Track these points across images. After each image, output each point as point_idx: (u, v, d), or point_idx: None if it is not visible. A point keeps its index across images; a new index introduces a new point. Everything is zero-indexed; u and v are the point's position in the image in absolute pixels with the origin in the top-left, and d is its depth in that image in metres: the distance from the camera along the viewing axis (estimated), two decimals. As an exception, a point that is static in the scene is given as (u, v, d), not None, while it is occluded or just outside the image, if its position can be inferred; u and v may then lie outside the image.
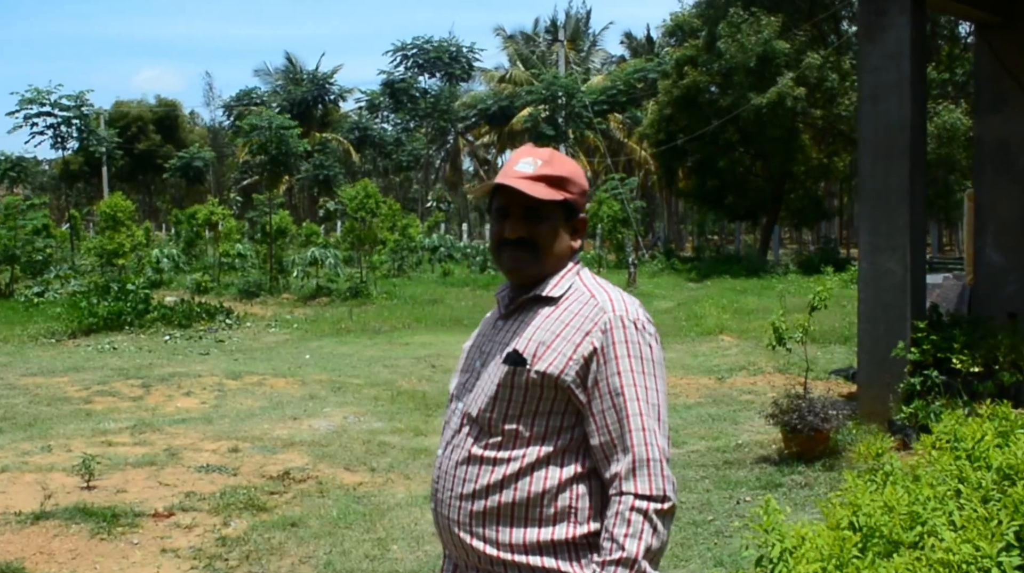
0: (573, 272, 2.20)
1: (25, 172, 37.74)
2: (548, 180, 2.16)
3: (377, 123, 53.61)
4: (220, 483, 7.10)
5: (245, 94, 55.52)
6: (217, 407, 9.98)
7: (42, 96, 25.67)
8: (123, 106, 54.96)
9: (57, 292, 19.96)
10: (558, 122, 32.09)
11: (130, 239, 21.37)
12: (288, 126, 21.22)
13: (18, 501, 6.56)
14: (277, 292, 21.08)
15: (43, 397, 10.37)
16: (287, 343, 14.99)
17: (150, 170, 54.69)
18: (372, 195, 20.31)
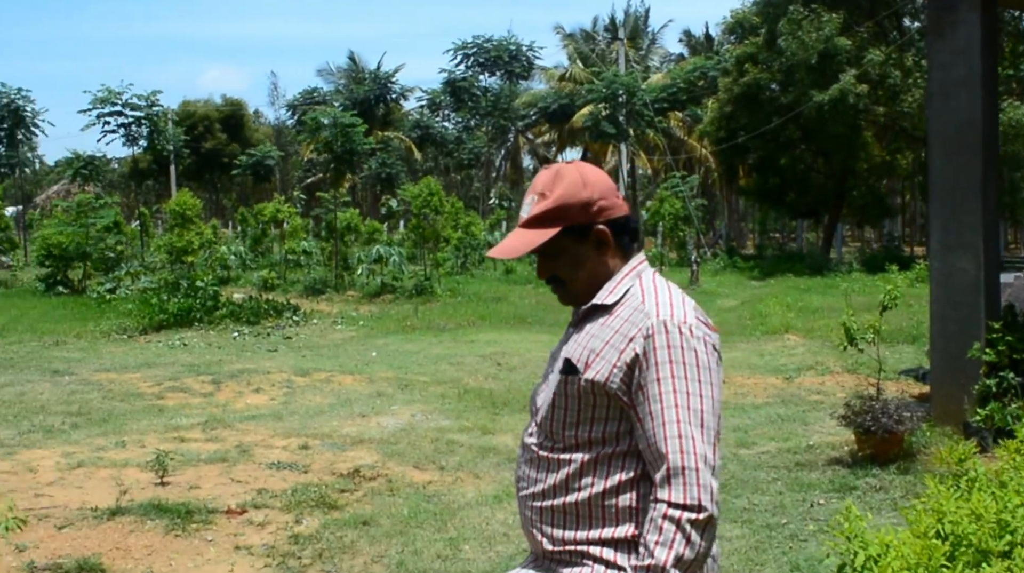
0: (632, 275, 2.21)
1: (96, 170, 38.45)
2: (540, 219, 2.18)
3: (438, 122, 53.84)
4: (291, 480, 7.14)
5: (308, 93, 56.12)
6: (286, 404, 10.07)
7: (114, 96, 26.17)
8: (190, 105, 55.88)
9: (128, 289, 20.35)
10: (619, 120, 31.90)
11: (199, 236, 21.72)
12: (353, 124, 21.36)
13: (94, 496, 6.66)
14: (342, 289, 21.27)
15: (116, 393, 10.56)
16: (353, 340, 15.09)
17: (216, 168, 55.55)
18: (436, 193, 20.38)
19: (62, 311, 18.46)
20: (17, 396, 10.35)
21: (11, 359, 12.91)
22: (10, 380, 11.31)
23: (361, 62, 55.93)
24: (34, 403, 9.96)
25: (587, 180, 2.19)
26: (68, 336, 15.27)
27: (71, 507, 6.42)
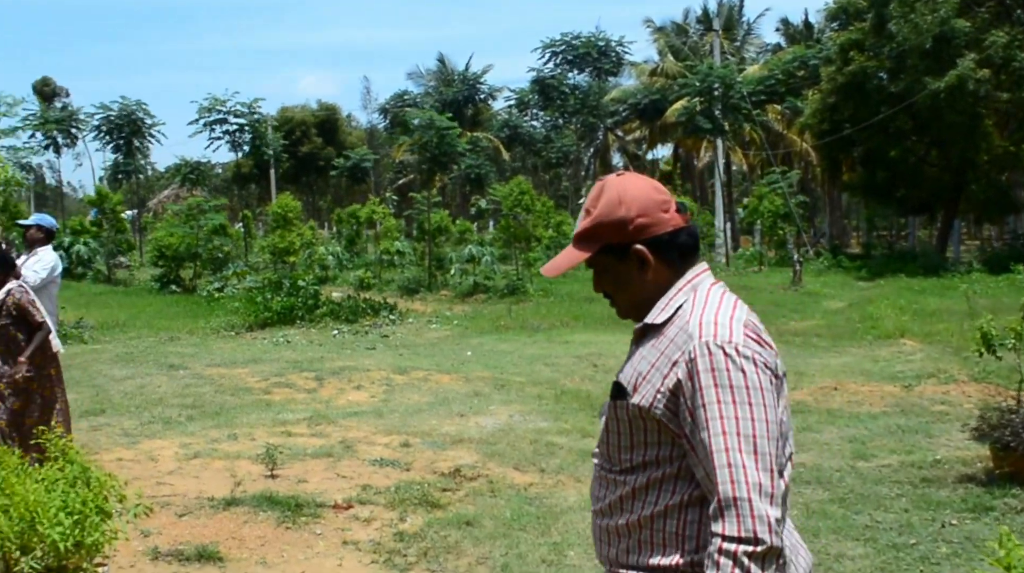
0: (686, 289, 2.13)
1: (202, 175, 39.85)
2: (582, 237, 2.16)
3: (526, 121, 54.00)
4: (394, 477, 7.33)
5: (399, 96, 56.93)
6: (386, 401, 10.30)
7: (219, 104, 27.09)
8: (288, 111, 57.20)
9: (235, 288, 21.02)
10: (714, 114, 31.28)
11: (300, 237, 22.31)
12: (448, 126, 21.68)
13: (210, 486, 6.96)
14: (435, 289, 21.60)
15: (227, 387, 10.96)
16: (448, 339, 15.32)
17: (312, 171, 56.74)
18: (527, 192, 20.53)
19: (175, 308, 19.18)
20: (138, 388, 10.84)
21: (131, 353, 13.49)
22: (131, 373, 11.84)
23: (450, 64, 56.52)
24: (153, 395, 10.42)
25: (624, 197, 2.12)
26: (181, 332, 15.88)
27: (189, 496, 6.72)
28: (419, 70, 58.41)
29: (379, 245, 25.95)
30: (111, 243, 27.23)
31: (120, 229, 28.13)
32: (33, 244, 8.18)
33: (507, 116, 54.48)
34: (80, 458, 4.57)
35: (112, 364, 12.56)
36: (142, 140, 37.66)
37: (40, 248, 8.17)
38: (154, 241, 23.69)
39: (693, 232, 2.18)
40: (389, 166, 58.70)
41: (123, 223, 28.74)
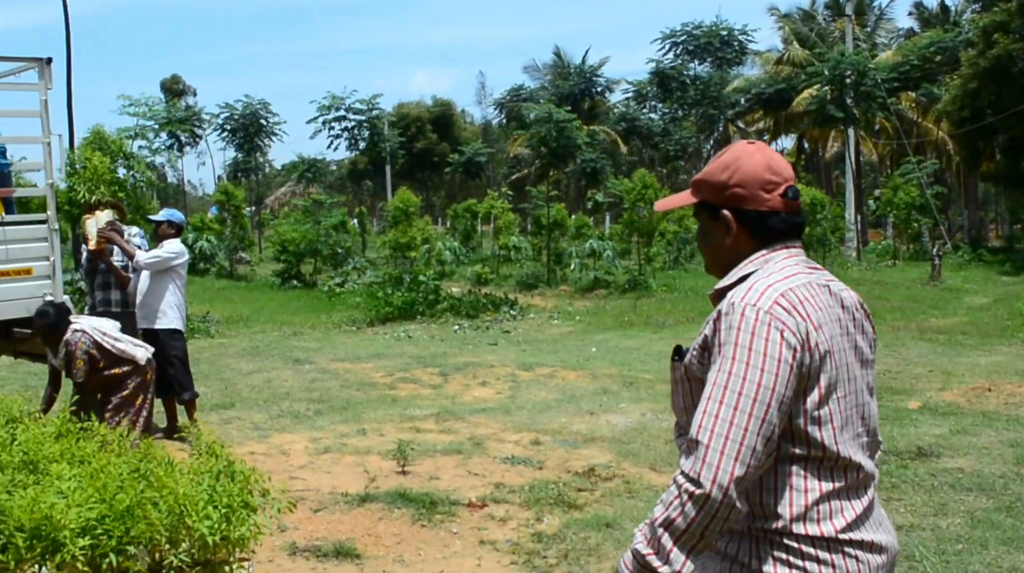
0: (759, 260, 2.19)
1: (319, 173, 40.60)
2: (694, 184, 2.29)
3: (644, 113, 53.28)
4: (527, 476, 7.16)
5: (515, 91, 56.90)
6: (513, 398, 10.16)
7: (338, 102, 27.41)
8: (404, 108, 57.90)
9: (355, 283, 21.25)
10: (846, 103, 30.07)
11: (421, 232, 22.40)
12: (568, 119, 21.44)
13: (343, 482, 6.91)
14: (555, 284, 21.40)
15: (352, 382, 10.98)
16: (571, 335, 15.10)
17: (427, 167, 57.27)
18: (650, 186, 20.14)
19: (296, 303, 19.47)
20: (265, 382, 10.94)
21: (256, 347, 13.68)
22: (258, 367, 11.98)
23: (566, 57, 56.18)
24: (280, 389, 10.50)
25: (733, 165, 2.21)
26: (304, 327, 16.07)
27: (323, 491, 6.68)
28: (535, 64, 58.36)
29: (496, 240, 25.88)
30: (233, 239, 27.86)
31: (242, 225, 28.79)
32: (163, 239, 8.29)
33: (624, 109, 53.85)
34: (225, 452, 4.51)
35: (239, 358, 12.75)
36: (263, 139, 38.53)
37: (167, 242, 8.30)
38: (276, 237, 24.12)
39: (791, 220, 2.22)
40: (503, 161, 58.80)
41: (245, 220, 29.42)
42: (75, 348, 6.70)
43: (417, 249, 21.84)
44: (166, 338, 8.09)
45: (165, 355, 8.05)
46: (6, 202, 7.61)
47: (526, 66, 61.60)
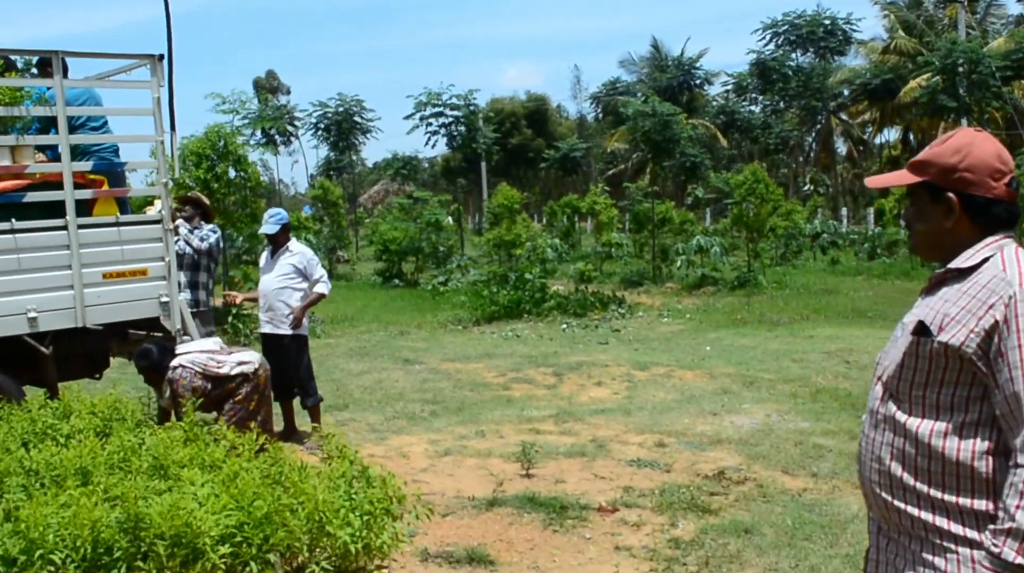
0: (993, 246, 2.24)
1: (413, 170, 40.73)
2: (916, 165, 2.34)
3: (744, 106, 52.20)
4: (656, 479, 6.89)
5: (611, 84, 56.31)
6: (630, 398, 9.87)
7: (434, 98, 27.36)
8: (498, 103, 57.79)
9: (459, 281, 21.16)
10: (959, 92, 28.86)
11: (526, 229, 22.20)
12: (673, 113, 21.00)
13: (467, 485, 6.73)
14: (660, 281, 20.97)
15: (465, 382, 10.82)
16: (683, 333, 14.71)
17: (522, 163, 57.10)
18: (762, 180, 19.56)
19: (400, 302, 19.46)
20: (376, 383, 10.85)
21: (364, 347, 13.64)
22: (368, 367, 11.91)
23: (664, 50, 55.35)
24: (392, 390, 10.39)
25: (964, 150, 2.26)
26: (410, 326, 16.00)
27: (448, 495, 6.51)
28: (631, 57, 57.60)
29: (599, 236, 25.53)
30: (331, 238, 27.99)
31: (339, 224, 28.94)
32: (279, 244, 8.21)
33: (723, 102, 52.84)
34: (360, 457, 4.35)
35: (347, 358, 12.71)
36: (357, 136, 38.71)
37: (292, 246, 8.21)
38: (379, 235, 24.17)
39: (1012, 210, 2.28)
40: (599, 156, 58.30)
41: (342, 218, 29.57)
42: (178, 386, 6.47)
43: (521, 246, 21.62)
44: (290, 343, 8.02)
45: (289, 359, 7.98)
46: (120, 202, 7.61)
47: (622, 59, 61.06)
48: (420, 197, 24.32)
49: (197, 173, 13.61)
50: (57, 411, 5.28)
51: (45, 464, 4.29)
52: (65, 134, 7.03)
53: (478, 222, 49.10)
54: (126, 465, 4.37)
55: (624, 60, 58.29)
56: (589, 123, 65.54)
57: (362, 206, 51.27)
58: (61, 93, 7.02)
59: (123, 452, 4.49)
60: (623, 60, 59.09)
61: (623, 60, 59.09)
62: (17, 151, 6.95)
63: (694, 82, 53.31)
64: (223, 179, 14.29)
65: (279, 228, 8.19)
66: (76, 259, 7.03)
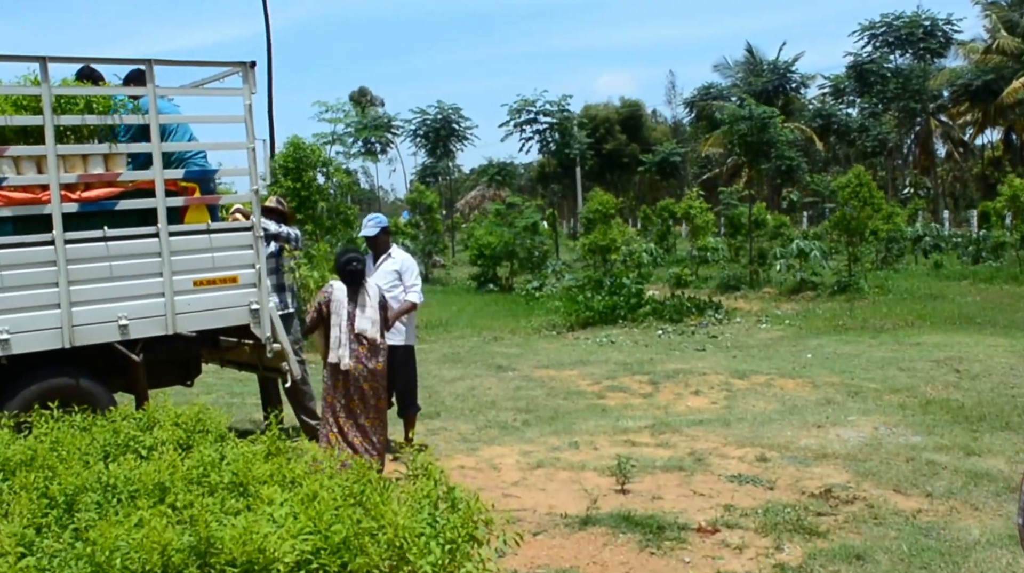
0: None
1: (508, 176, 40.76)
2: None
3: (841, 108, 50.88)
4: (758, 497, 6.52)
5: (705, 89, 55.54)
6: (729, 408, 9.49)
7: (528, 105, 27.27)
8: (591, 110, 57.39)
9: (553, 286, 20.92)
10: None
11: (621, 234, 21.84)
12: (770, 114, 20.41)
13: (559, 500, 6.47)
14: (757, 286, 20.38)
15: (558, 390, 10.56)
16: (783, 340, 14.19)
17: (616, 168, 56.60)
18: (865, 183, 18.83)
19: (494, 307, 19.31)
20: (468, 390, 10.68)
21: (457, 353, 13.50)
22: (460, 374, 11.75)
23: (759, 54, 54.30)
24: (484, 398, 10.20)
25: None
26: (503, 332, 15.82)
27: (539, 511, 6.26)
28: (726, 61, 56.69)
29: (695, 240, 25.01)
30: (428, 243, 28.07)
31: (435, 229, 29.01)
32: (383, 251, 8.05)
33: (820, 105, 51.62)
34: (446, 477, 4.11)
35: (440, 364, 12.58)
36: (455, 143, 38.95)
37: (394, 252, 8.06)
38: (474, 240, 24.08)
39: None
40: (694, 161, 57.47)
41: (438, 223, 29.64)
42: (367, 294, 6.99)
43: (617, 251, 21.26)
44: (400, 353, 7.84)
45: (397, 369, 7.83)
46: (211, 210, 7.57)
47: (716, 64, 60.02)
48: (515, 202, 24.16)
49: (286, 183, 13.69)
50: (141, 422, 5.18)
51: (123, 479, 4.17)
52: (157, 142, 7.01)
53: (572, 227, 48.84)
54: (205, 481, 4.22)
55: (719, 64, 57.43)
56: (684, 128, 64.66)
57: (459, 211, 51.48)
58: (153, 102, 7.01)
59: (202, 467, 4.34)
60: (717, 64, 58.12)
61: (717, 64, 58.12)
62: (110, 159, 6.95)
63: (790, 86, 52.24)
64: (312, 186, 14.35)
65: (378, 231, 8.04)
66: (167, 266, 6.99)
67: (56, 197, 6.59)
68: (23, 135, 6.77)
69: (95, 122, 6.99)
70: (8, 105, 6.75)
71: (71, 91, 6.99)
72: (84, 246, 6.71)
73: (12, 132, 6.73)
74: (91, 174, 6.83)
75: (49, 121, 6.60)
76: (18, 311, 6.49)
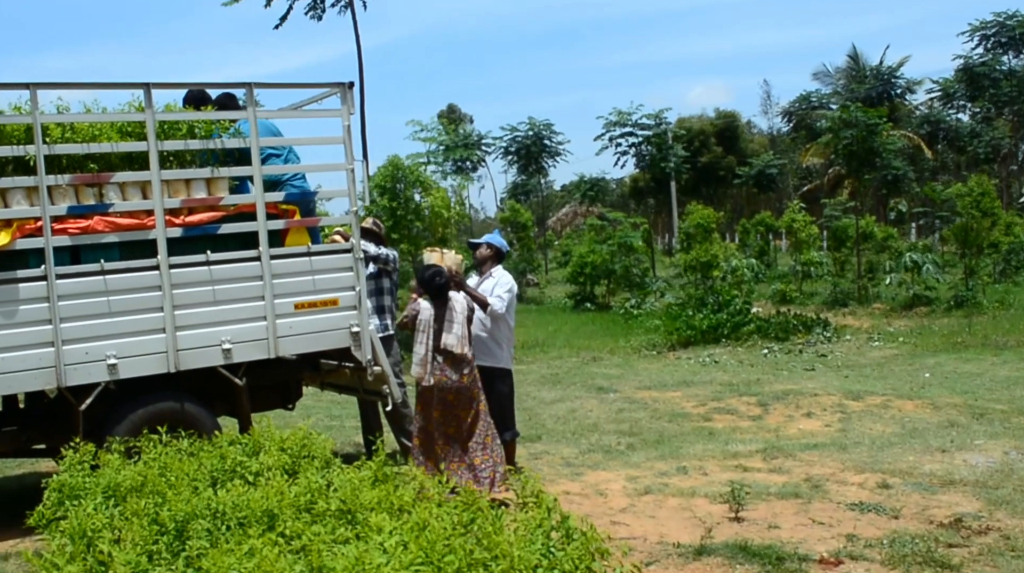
0: None
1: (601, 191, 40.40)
2: None
3: (951, 113, 49.14)
4: (882, 527, 6.15)
5: (803, 98, 54.34)
6: (844, 431, 9.07)
7: (624, 118, 27.01)
8: (685, 122, 56.70)
9: (652, 305, 20.56)
10: None
11: (723, 250, 21.38)
12: (876, 121, 19.72)
13: (670, 529, 6.21)
14: (867, 302, 19.65)
15: (662, 412, 10.27)
16: (897, 359, 13.61)
17: (712, 181, 55.73)
18: (987, 192, 18.01)
19: (591, 327, 19.06)
20: (569, 412, 10.47)
21: (556, 374, 13.30)
22: (560, 396, 11.55)
23: (861, 59, 52.91)
24: (586, 420, 9.97)
25: None
26: (602, 352, 15.56)
27: (650, 540, 6.01)
28: (826, 69, 55.42)
29: (798, 255, 24.32)
30: (522, 261, 27.91)
31: (529, 247, 28.85)
32: (483, 263, 7.90)
33: (927, 110, 49.96)
34: (559, 505, 3.93)
35: (539, 385, 12.40)
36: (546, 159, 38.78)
37: (492, 269, 7.88)
38: (574, 258, 23.87)
39: None
40: (793, 172, 56.26)
41: (532, 241, 29.48)
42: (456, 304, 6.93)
43: (719, 268, 20.78)
44: (493, 376, 7.68)
45: (491, 392, 7.68)
46: (311, 232, 7.54)
47: (816, 71, 58.57)
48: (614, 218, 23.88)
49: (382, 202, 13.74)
50: (247, 447, 5.13)
51: (232, 505, 4.10)
52: (258, 165, 7.02)
53: (667, 242, 48.21)
54: (313, 508, 4.12)
55: (818, 72, 56.17)
56: (782, 138, 63.40)
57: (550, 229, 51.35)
58: (254, 124, 7.03)
59: (310, 494, 4.25)
60: (817, 72, 56.82)
61: (817, 72, 56.82)
62: (212, 183, 6.99)
63: (895, 91, 50.61)
64: (409, 205, 14.36)
65: (483, 244, 7.92)
66: (269, 290, 6.99)
67: (161, 222, 6.65)
68: (128, 161, 6.86)
69: (198, 147, 7.06)
70: (114, 132, 6.85)
71: (174, 116, 7.06)
72: (188, 270, 6.75)
73: (118, 158, 6.82)
74: (194, 198, 6.87)
75: (153, 147, 6.67)
76: (125, 336, 6.55)
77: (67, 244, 6.46)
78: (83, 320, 6.43)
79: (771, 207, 50.98)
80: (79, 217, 6.52)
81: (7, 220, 6.33)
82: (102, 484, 4.72)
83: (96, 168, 6.72)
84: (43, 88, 6.48)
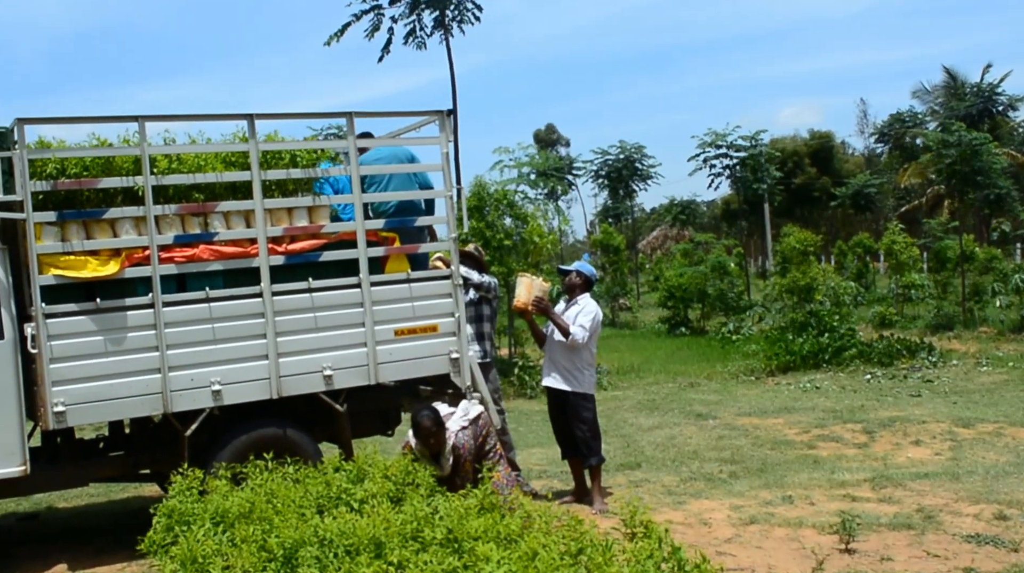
0: None
1: (692, 214, 39.97)
2: None
3: (1055, 131, 47.44)
4: (1003, 560, 5.87)
5: (898, 118, 53.07)
6: (955, 460, 8.72)
7: (719, 139, 26.72)
8: (778, 142, 55.77)
9: (750, 329, 20.19)
10: None
11: (823, 274, 20.91)
12: (982, 141, 19.10)
13: (779, 560, 6.03)
14: (973, 325, 18.95)
15: (764, 439, 10.04)
16: (1008, 384, 13.08)
17: (806, 203, 54.69)
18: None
19: (686, 352, 18.80)
20: (668, 439, 10.30)
21: (653, 401, 13.14)
22: (658, 422, 11.39)
23: (961, 76, 51.45)
24: (686, 447, 9.80)
25: None
26: (699, 377, 15.33)
27: (758, 571, 5.84)
28: (923, 87, 53.92)
29: (898, 277, 23.63)
30: (615, 285, 27.69)
31: (621, 271, 28.61)
32: (572, 290, 7.86)
33: (1031, 127, 48.30)
34: (670, 536, 3.84)
35: (636, 412, 12.25)
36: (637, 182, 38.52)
37: (579, 296, 7.83)
38: (664, 282, 23.62)
39: None
40: (890, 192, 54.85)
41: (624, 265, 29.23)
42: (464, 450, 6.33)
43: (819, 291, 20.31)
44: (576, 401, 7.63)
45: (575, 417, 7.62)
46: (412, 258, 7.59)
47: (914, 90, 57.17)
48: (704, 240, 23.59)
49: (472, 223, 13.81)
50: (351, 474, 5.16)
51: (338, 533, 4.11)
52: (359, 193, 7.12)
53: (760, 265, 47.39)
54: (419, 536, 4.11)
55: (916, 90, 54.66)
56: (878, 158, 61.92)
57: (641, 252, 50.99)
58: (354, 153, 7.14)
59: (416, 521, 4.23)
60: (915, 90, 55.34)
61: (915, 90, 55.34)
62: (314, 211, 7.11)
63: (996, 108, 49.02)
64: (498, 227, 14.37)
65: (574, 271, 7.89)
66: (369, 316, 7.06)
67: (264, 250, 6.78)
68: (231, 190, 7.02)
69: (299, 175, 7.19)
70: (218, 162, 7.03)
71: (276, 146, 7.20)
72: (290, 298, 6.87)
73: (222, 188, 6.99)
74: (296, 226, 6.99)
75: (257, 176, 6.82)
76: (229, 362, 6.67)
77: (173, 273, 6.62)
78: (189, 347, 6.58)
79: (868, 228, 49.72)
80: (185, 246, 6.69)
81: (116, 250, 6.53)
82: (210, 510, 4.78)
83: (201, 198, 6.91)
84: (151, 120, 6.69)
